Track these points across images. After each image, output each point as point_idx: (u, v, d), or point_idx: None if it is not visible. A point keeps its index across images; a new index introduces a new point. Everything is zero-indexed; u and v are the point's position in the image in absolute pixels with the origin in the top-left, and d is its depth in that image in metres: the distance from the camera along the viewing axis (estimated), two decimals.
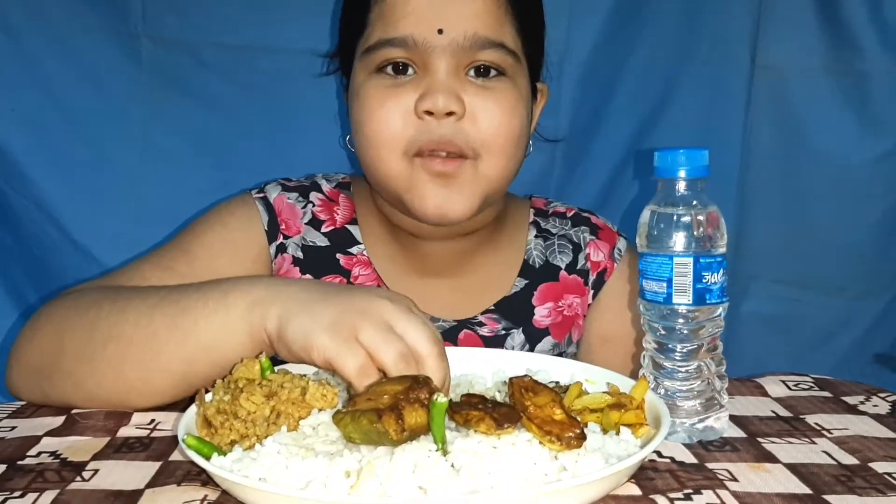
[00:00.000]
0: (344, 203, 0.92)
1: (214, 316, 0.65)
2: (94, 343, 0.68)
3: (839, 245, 1.17)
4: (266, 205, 0.89)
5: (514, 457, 0.52)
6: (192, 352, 0.66)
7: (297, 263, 0.88)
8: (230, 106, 1.11)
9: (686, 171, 0.64)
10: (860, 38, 1.12)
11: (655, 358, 0.66)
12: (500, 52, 0.80)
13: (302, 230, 0.89)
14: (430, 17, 0.78)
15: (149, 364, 0.67)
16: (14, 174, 1.06)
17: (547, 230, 0.95)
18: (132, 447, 0.62)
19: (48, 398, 0.71)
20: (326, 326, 0.60)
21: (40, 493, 0.54)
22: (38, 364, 0.71)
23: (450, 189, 0.80)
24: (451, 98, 0.78)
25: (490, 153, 0.81)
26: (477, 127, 0.79)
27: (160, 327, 0.66)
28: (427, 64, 0.79)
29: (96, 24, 1.07)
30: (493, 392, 0.67)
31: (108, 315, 0.69)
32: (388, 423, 0.52)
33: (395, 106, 0.79)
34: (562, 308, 0.92)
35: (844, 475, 0.58)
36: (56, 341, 0.70)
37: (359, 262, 0.89)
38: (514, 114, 0.81)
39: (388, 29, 0.79)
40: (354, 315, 0.61)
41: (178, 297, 0.68)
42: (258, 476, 0.51)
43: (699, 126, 1.16)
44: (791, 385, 0.78)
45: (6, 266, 1.09)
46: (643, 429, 0.59)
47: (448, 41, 0.78)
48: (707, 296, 0.64)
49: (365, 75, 0.81)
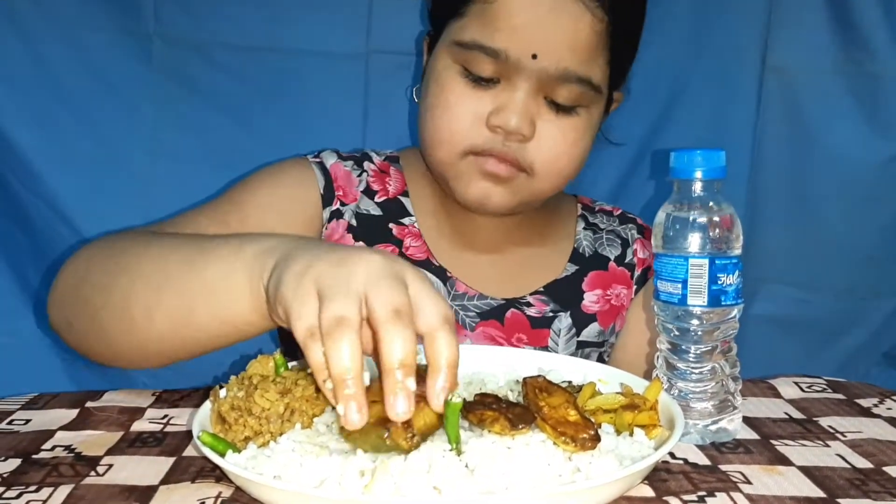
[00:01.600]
0: (395, 175, 0.94)
1: (223, 261, 0.61)
2: (111, 274, 0.67)
3: (848, 247, 1.17)
4: (322, 169, 0.90)
5: (529, 458, 0.52)
6: (194, 292, 0.62)
7: (350, 231, 0.89)
8: (241, 106, 1.11)
9: (703, 172, 0.64)
10: (871, 39, 1.11)
11: (669, 359, 0.66)
12: (583, 87, 0.80)
13: (357, 198, 0.90)
14: (528, 37, 0.77)
15: (153, 299, 0.64)
16: (26, 173, 1.07)
17: (595, 224, 0.98)
18: (146, 442, 0.62)
19: (73, 332, 0.71)
20: (293, 276, 0.52)
21: (55, 488, 0.54)
22: (67, 294, 0.71)
23: (496, 185, 0.82)
24: (524, 121, 0.79)
25: (546, 176, 0.83)
26: (540, 151, 0.81)
27: (172, 266, 0.64)
28: (512, 79, 0.79)
29: (107, 24, 1.07)
30: (505, 391, 0.66)
31: (131, 249, 0.68)
32: (397, 435, 0.51)
33: (469, 109, 0.80)
34: (610, 297, 0.94)
35: (858, 479, 0.57)
36: (83, 272, 0.70)
37: (410, 233, 0.90)
38: (580, 143, 0.83)
39: (484, 34, 0.79)
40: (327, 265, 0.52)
41: (199, 243, 0.65)
42: (273, 474, 0.51)
43: (709, 127, 1.15)
44: (804, 387, 0.77)
45: (20, 265, 1.09)
46: (656, 430, 0.59)
47: (539, 67, 0.78)
48: (722, 297, 0.64)
49: (450, 62, 0.82)
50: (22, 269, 1.09)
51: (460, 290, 0.89)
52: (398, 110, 1.11)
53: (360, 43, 1.10)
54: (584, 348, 0.92)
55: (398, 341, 0.49)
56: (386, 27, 1.09)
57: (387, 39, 1.10)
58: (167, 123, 1.10)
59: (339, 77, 1.10)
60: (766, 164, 1.16)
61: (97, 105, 1.08)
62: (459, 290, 0.89)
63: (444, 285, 0.89)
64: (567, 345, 0.91)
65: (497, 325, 0.89)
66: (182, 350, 0.66)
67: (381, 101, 1.11)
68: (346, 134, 1.11)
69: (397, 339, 0.49)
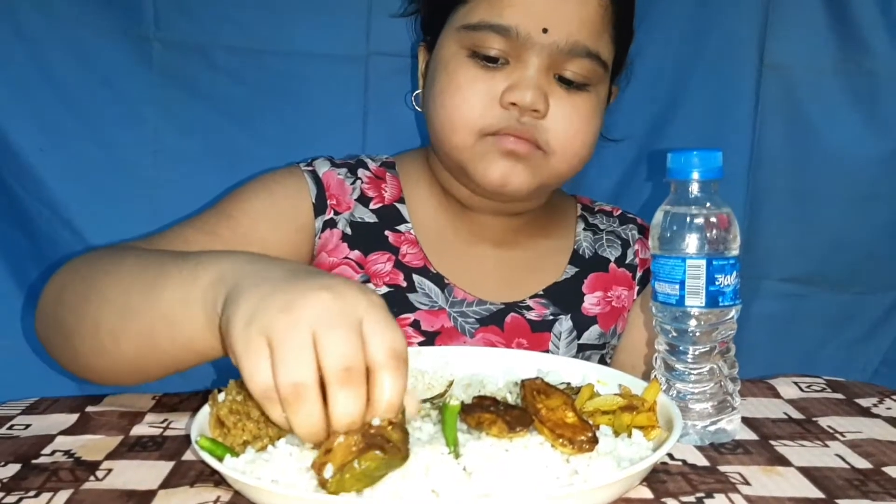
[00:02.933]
0: (391, 182, 0.94)
1: (180, 287, 0.60)
2: (82, 296, 0.67)
3: (847, 243, 1.17)
4: (315, 178, 0.90)
5: (526, 460, 0.52)
6: (154, 320, 0.62)
7: (345, 239, 0.89)
8: (242, 108, 1.11)
9: (699, 173, 0.64)
10: (869, 37, 1.11)
11: (667, 360, 0.66)
12: (593, 62, 0.81)
13: (352, 206, 0.90)
14: (538, 11, 0.78)
15: (119, 326, 0.64)
16: (27, 176, 1.07)
17: (595, 225, 0.98)
18: (145, 446, 0.62)
19: (53, 348, 0.72)
20: (241, 323, 0.51)
21: (55, 493, 0.54)
22: (46, 312, 0.72)
23: (516, 164, 0.82)
24: (539, 96, 0.79)
25: (563, 154, 0.83)
26: (555, 128, 0.81)
27: (135, 293, 0.64)
28: (522, 56, 0.80)
29: (107, 27, 1.07)
30: (503, 393, 0.66)
31: (101, 272, 0.68)
32: (392, 435, 0.50)
33: (483, 91, 0.80)
34: (610, 299, 0.93)
35: (858, 479, 0.57)
36: (58, 292, 0.71)
37: (407, 240, 0.90)
38: (592, 122, 0.83)
39: (493, 13, 0.80)
40: (275, 311, 0.50)
41: (159, 267, 0.64)
42: (271, 478, 0.51)
43: (708, 126, 1.15)
44: (803, 386, 0.77)
45: (23, 269, 1.09)
46: (655, 431, 0.59)
47: (550, 41, 0.79)
48: (720, 298, 0.64)
49: (457, 48, 0.82)
50: (23, 272, 1.10)
51: (459, 297, 0.89)
52: (398, 112, 1.11)
53: (360, 45, 1.10)
54: (584, 351, 0.92)
55: (347, 404, 0.49)
56: (385, 29, 1.09)
57: (386, 42, 1.10)
58: (168, 126, 1.10)
59: (339, 79, 1.10)
60: (764, 163, 1.16)
61: (98, 108, 1.08)
62: (458, 297, 0.89)
63: (441, 292, 0.88)
64: (568, 348, 0.91)
65: (497, 330, 0.89)
66: (155, 370, 0.66)
67: (381, 102, 1.11)
68: (346, 136, 1.11)
69: (346, 401, 0.49)
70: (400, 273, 0.88)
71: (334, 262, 0.89)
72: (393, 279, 0.88)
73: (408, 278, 0.88)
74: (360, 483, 0.49)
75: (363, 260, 0.89)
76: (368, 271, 0.88)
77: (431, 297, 0.88)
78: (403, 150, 1.01)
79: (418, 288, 0.88)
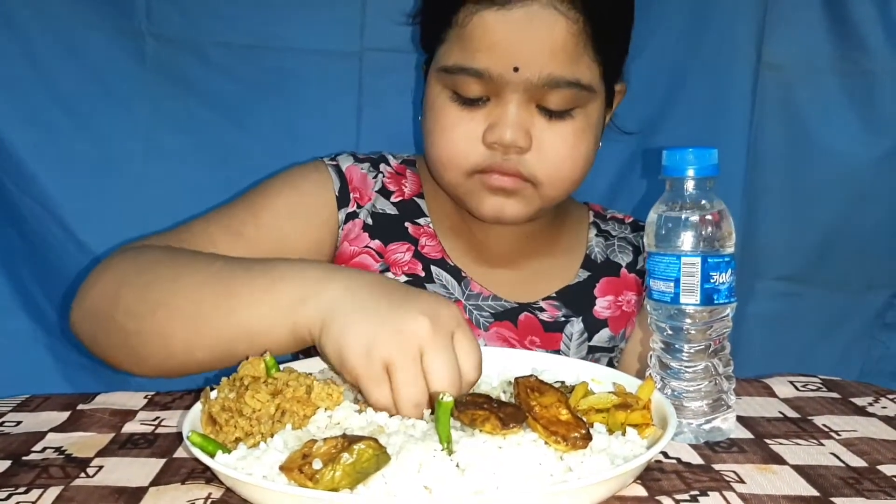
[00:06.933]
0: (411, 178, 0.95)
1: (259, 306, 0.65)
2: (146, 304, 0.70)
3: (843, 243, 1.17)
4: (338, 172, 0.91)
5: (520, 457, 0.52)
6: (234, 334, 0.66)
7: (366, 229, 0.90)
8: (235, 105, 1.10)
9: (694, 170, 0.64)
10: (867, 37, 1.11)
11: (662, 358, 0.66)
12: (573, 89, 0.80)
13: (373, 198, 0.91)
14: (507, 51, 0.78)
15: (192, 337, 0.68)
16: (19, 173, 1.06)
17: (607, 231, 0.99)
18: (136, 443, 0.62)
19: (99, 346, 0.74)
20: (359, 351, 0.59)
21: (45, 489, 0.54)
22: (95, 311, 0.73)
23: (507, 199, 0.83)
24: (518, 133, 0.79)
25: (552, 184, 0.83)
26: (542, 160, 0.81)
27: (207, 305, 0.67)
28: (500, 94, 0.80)
29: (100, 23, 1.06)
30: (498, 391, 0.66)
31: (162, 279, 0.71)
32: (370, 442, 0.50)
33: (466, 132, 0.82)
34: (621, 303, 0.94)
35: (852, 477, 0.57)
36: (113, 294, 0.72)
37: (426, 232, 0.92)
38: (581, 145, 0.83)
39: (465, 56, 0.80)
40: (389, 340, 0.59)
41: (229, 279, 0.68)
42: (262, 474, 0.51)
43: (705, 125, 1.15)
44: (799, 386, 0.77)
45: (14, 266, 1.09)
46: (649, 429, 0.59)
47: (523, 79, 0.78)
48: (715, 296, 0.63)
49: (439, 89, 0.83)
50: (15, 269, 1.09)
51: (475, 290, 0.90)
52: (392, 108, 1.11)
53: (354, 41, 1.09)
54: (594, 353, 0.93)
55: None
56: (380, 25, 1.09)
57: (380, 37, 1.09)
58: (161, 122, 1.09)
59: (332, 75, 1.10)
60: (761, 161, 1.16)
61: (90, 104, 1.07)
62: (474, 290, 0.90)
63: (458, 285, 0.90)
64: (578, 349, 0.92)
65: (511, 326, 0.90)
66: (224, 366, 0.69)
67: (375, 98, 1.11)
68: (340, 131, 1.11)
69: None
70: (419, 263, 0.90)
71: (355, 250, 0.90)
72: (412, 269, 0.90)
73: (426, 269, 0.90)
74: (349, 478, 0.49)
75: (383, 249, 0.90)
76: (388, 260, 0.90)
77: (448, 289, 0.90)
78: (398, 146, 1.01)
79: (436, 279, 0.90)
